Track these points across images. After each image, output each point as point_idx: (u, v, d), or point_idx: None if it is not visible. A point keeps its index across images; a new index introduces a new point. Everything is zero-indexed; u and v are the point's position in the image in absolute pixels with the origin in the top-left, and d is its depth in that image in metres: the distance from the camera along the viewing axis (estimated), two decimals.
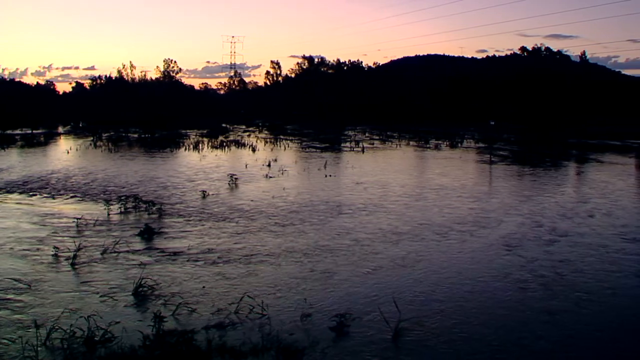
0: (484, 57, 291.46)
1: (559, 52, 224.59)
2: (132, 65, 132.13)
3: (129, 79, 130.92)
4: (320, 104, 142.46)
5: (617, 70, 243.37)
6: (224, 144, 65.41)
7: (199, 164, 44.57)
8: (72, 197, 28.83)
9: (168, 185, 32.74)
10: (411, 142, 71.72)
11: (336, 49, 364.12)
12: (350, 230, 21.73)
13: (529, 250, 19.32)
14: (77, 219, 22.85)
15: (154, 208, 24.91)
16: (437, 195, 30.06)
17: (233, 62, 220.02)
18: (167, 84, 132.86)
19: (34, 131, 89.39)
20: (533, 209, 26.68)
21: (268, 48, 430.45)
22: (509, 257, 18.43)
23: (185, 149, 59.45)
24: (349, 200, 28.11)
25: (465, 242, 20.21)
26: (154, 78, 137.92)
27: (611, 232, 22.04)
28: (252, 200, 27.73)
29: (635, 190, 33.73)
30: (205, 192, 29.64)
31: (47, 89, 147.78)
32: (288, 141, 72.97)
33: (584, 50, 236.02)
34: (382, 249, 19.06)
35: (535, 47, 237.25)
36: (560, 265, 17.47)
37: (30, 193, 29.86)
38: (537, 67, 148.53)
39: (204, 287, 14.82)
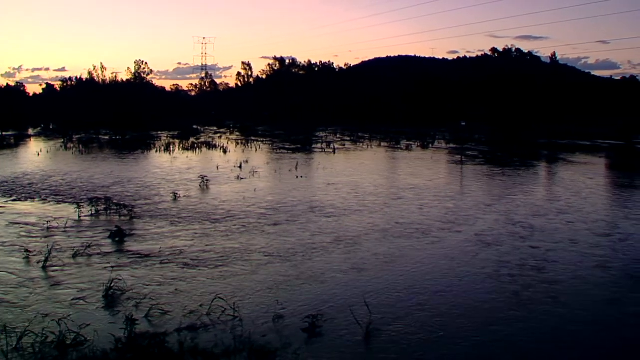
0: (455, 58, 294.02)
1: (530, 53, 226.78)
2: (103, 66, 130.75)
3: (100, 81, 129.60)
4: (291, 105, 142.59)
5: (587, 71, 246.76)
6: (195, 145, 65.23)
7: (170, 166, 44.42)
8: (42, 199, 28.57)
9: (139, 187, 32.59)
10: (382, 143, 72.00)
11: (307, 50, 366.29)
12: (322, 230, 21.81)
13: (504, 245, 19.94)
14: (48, 221, 22.72)
15: (125, 210, 24.77)
16: (410, 195, 30.31)
17: (204, 64, 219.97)
18: (138, 85, 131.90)
19: (3, 133, 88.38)
20: (507, 207, 27.36)
21: (239, 49, 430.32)
22: (486, 253, 18.87)
23: (156, 151, 59.19)
24: (321, 201, 28.19)
25: (442, 240, 20.41)
26: (125, 79, 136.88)
27: (583, 227, 22.94)
28: (223, 202, 27.71)
29: (604, 189, 34.56)
30: (177, 194, 29.57)
31: (17, 90, 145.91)
32: (259, 142, 72.98)
33: (554, 52, 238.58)
34: (354, 249, 19.16)
35: (506, 48, 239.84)
36: (535, 259, 18.12)
37: None
38: (507, 68, 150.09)
39: (176, 289, 14.81)
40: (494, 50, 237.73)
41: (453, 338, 12.05)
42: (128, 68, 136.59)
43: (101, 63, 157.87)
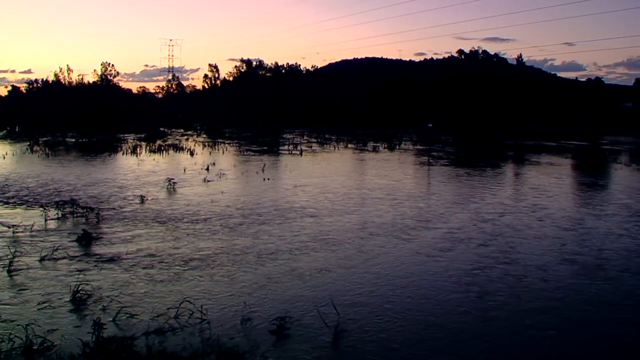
0: (422, 60, 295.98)
1: (496, 54, 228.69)
2: (69, 68, 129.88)
3: (66, 83, 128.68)
4: (258, 107, 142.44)
5: (553, 72, 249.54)
6: (162, 148, 64.91)
7: (137, 169, 44.20)
8: (7, 203, 28.27)
9: (106, 190, 32.40)
10: (349, 145, 72.16)
11: (275, 52, 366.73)
12: (288, 233, 21.87)
13: (475, 242, 20.70)
14: (13, 225, 22.55)
15: (92, 213, 24.68)
16: (381, 196, 30.53)
17: (171, 66, 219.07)
18: (105, 87, 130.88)
19: None
20: (477, 206, 28.13)
21: (206, 51, 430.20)
22: (461, 249, 19.43)
23: (123, 153, 58.81)
24: (288, 203, 28.27)
25: (409, 240, 20.59)
26: (91, 81, 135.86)
27: (550, 224, 24.06)
28: (190, 205, 27.68)
29: (570, 189, 35.57)
30: (144, 196, 29.49)
31: None
32: (226, 145, 72.79)
33: (520, 53, 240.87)
34: (320, 249, 19.27)
35: (473, 50, 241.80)
36: (505, 254, 18.95)
37: None
38: (474, 69, 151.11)
39: (143, 292, 14.80)
40: (460, 52, 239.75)
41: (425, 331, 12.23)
42: (94, 70, 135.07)
43: (67, 65, 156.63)
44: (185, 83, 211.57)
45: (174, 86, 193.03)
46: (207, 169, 42.76)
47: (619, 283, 16.20)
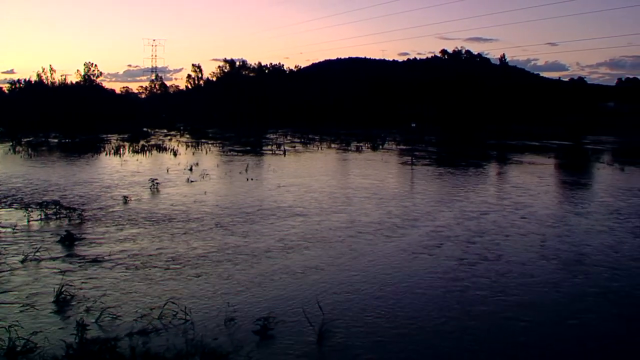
0: (406, 59, 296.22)
1: (479, 54, 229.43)
2: (52, 69, 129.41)
3: (49, 83, 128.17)
4: (242, 108, 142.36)
5: (536, 72, 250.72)
6: (145, 148, 64.83)
7: (120, 169, 44.07)
8: None
9: (89, 190, 32.29)
10: (333, 145, 72.38)
11: (258, 52, 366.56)
12: (272, 233, 21.89)
13: (461, 240, 21.09)
14: None
15: (75, 214, 24.59)
16: (366, 195, 30.67)
17: (154, 66, 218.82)
18: (88, 88, 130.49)
19: None
20: (461, 204, 28.57)
21: (190, 51, 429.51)
22: (446, 247, 19.67)
23: (106, 154, 58.66)
24: (271, 204, 28.29)
25: (398, 238, 20.69)
26: (74, 82, 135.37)
27: (533, 221, 24.59)
28: (173, 205, 27.65)
29: (553, 187, 36.07)
30: (127, 197, 29.41)
31: None
32: (209, 145, 72.79)
33: (503, 53, 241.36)
34: (305, 249, 19.31)
35: (456, 50, 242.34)
36: (489, 251, 19.40)
37: None
38: (457, 69, 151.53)
39: (127, 293, 14.76)
40: (443, 52, 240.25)
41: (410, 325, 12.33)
42: (77, 70, 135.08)
43: (50, 65, 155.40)
44: (168, 83, 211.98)
45: (157, 86, 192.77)
46: (191, 170, 42.73)
47: (597, 277, 16.64)
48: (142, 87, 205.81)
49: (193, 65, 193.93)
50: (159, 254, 18.75)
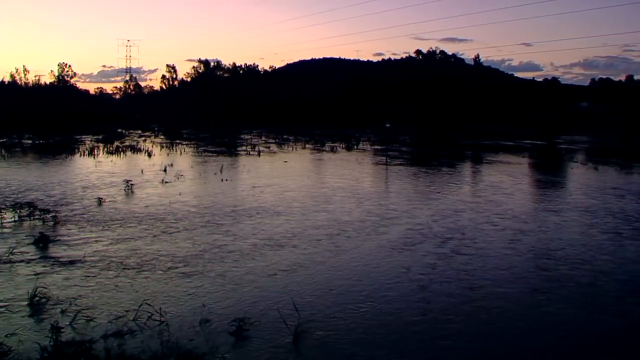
0: (380, 60, 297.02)
1: (454, 55, 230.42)
2: (25, 69, 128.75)
3: (23, 84, 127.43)
4: (216, 108, 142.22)
5: (510, 73, 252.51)
6: (120, 149, 64.51)
7: (94, 170, 43.79)
8: None
9: (63, 192, 32.07)
10: (307, 145, 72.51)
11: (233, 53, 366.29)
12: (247, 233, 21.89)
13: (439, 237, 21.46)
14: None
15: (49, 216, 24.40)
16: (343, 196, 30.85)
17: (129, 66, 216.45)
18: (62, 88, 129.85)
19: None
20: (437, 204, 28.96)
21: (164, 52, 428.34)
22: (425, 244, 19.89)
23: (80, 155, 58.27)
24: (245, 204, 28.29)
25: (379, 235, 20.77)
26: (48, 83, 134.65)
27: (508, 218, 25.34)
28: (148, 206, 27.55)
29: (527, 186, 36.81)
30: (101, 198, 29.26)
31: None
32: (184, 146, 72.63)
33: (477, 54, 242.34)
34: (283, 249, 19.33)
35: (430, 50, 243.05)
36: (466, 247, 19.81)
37: None
38: (432, 70, 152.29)
39: (102, 295, 14.71)
40: (418, 52, 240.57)
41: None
42: (51, 71, 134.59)
43: (24, 66, 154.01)
44: (143, 84, 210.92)
45: (131, 87, 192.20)
46: (165, 170, 42.58)
47: (569, 271, 17.09)
48: (116, 87, 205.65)
49: (167, 65, 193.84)
50: (133, 255, 18.65)
